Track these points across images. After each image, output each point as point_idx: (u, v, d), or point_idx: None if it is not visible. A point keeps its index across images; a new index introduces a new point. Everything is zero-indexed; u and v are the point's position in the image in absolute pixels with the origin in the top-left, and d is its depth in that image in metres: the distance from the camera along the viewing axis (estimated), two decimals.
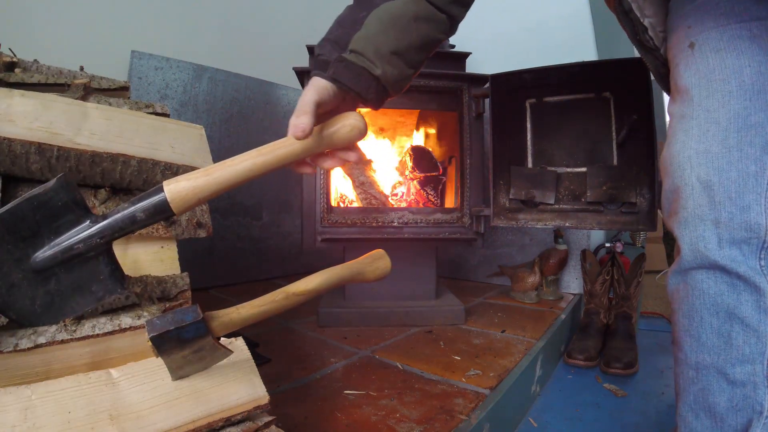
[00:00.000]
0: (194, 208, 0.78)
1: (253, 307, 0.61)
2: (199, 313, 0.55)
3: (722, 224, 0.59)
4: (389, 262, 0.74)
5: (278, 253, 2.24)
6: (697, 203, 0.62)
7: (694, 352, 0.64)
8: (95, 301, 0.60)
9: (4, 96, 0.65)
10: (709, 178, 0.60)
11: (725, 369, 0.60)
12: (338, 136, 0.61)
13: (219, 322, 0.58)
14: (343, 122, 0.61)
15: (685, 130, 0.64)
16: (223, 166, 0.58)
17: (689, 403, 0.65)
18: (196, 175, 0.58)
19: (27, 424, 0.51)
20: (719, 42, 0.61)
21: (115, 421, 0.53)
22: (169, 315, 0.54)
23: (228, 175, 0.58)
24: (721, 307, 0.60)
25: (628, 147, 1.38)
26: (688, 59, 0.65)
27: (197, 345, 0.56)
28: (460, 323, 1.48)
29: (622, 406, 1.22)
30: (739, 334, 0.59)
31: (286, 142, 0.60)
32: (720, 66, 0.61)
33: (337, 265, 0.71)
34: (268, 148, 0.60)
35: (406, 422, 0.85)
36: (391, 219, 1.44)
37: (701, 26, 0.64)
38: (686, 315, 0.65)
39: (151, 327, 0.53)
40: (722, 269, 0.60)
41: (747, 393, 0.58)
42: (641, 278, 1.67)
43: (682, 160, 0.64)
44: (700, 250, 0.61)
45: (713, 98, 0.61)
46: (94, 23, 1.61)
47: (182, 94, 1.85)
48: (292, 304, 0.64)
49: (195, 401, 0.56)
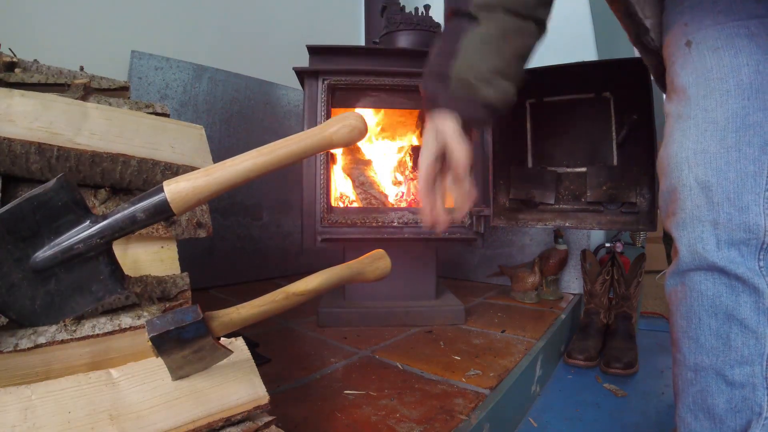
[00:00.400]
0: (194, 209, 0.78)
1: (253, 307, 0.61)
2: (200, 313, 0.55)
3: (721, 225, 0.59)
4: (389, 262, 0.74)
5: (278, 253, 2.23)
6: (695, 204, 0.61)
7: (692, 353, 0.63)
8: (95, 301, 0.60)
9: (4, 96, 0.65)
10: (707, 179, 0.60)
11: (724, 370, 0.60)
12: (338, 136, 0.61)
13: (219, 322, 0.58)
14: (342, 122, 0.61)
15: (683, 130, 0.64)
16: (223, 166, 0.58)
17: (688, 404, 0.65)
18: (197, 175, 0.58)
19: (27, 424, 0.51)
20: (717, 40, 0.61)
21: (115, 421, 0.53)
22: (169, 315, 0.54)
23: (228, 175, 0.58)
24: (720, 308, 0.60)
25: (628, 147, 1.38)
26: (684, 57, 0.65)
27: (197, 345, 0.56)
28: (460, 323, 1.47)
29: (622, 406, 1.22)
30: (737, 335, 0.59)
31: (287, 142, 0.60)
32: (718, 65, 0.60)
33: (337, 265, 0.71)
34: (268, 148, 0.60)
35: (406, 422, 0.84)
36: (391, 219, 1.43)
37: (698, 24, 0.63)
38: (684, 316, 0.64)
39: (151, 327, 0.53)
40: (721, 270, 0.59)
41: (746, 394, 0.58)
42: (641, 278, 1.67)
43: (679, 160, 0.63)
44: (699, 252, 0.61)
45: (711, 98, 0.61)
46: (94, 23, 1.61)
47: (182, 94, 1.85)
48: (293, 304, 0.64)
49: (195, 401, 0.56)
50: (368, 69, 1.41)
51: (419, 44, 1.54)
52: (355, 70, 1.41)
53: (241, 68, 2.07)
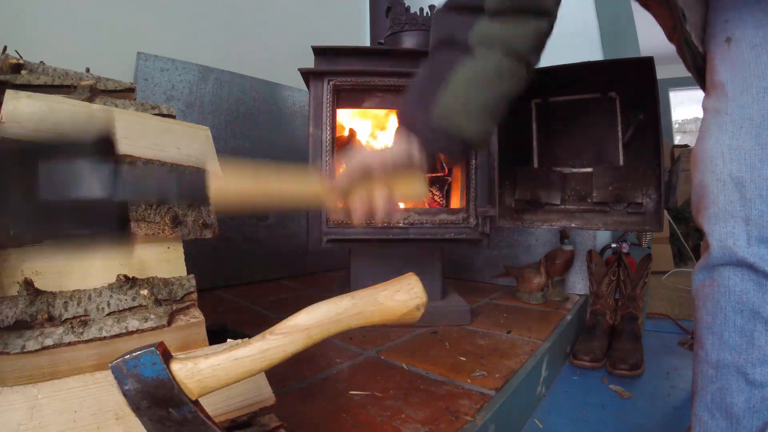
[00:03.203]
0: (199, 209, 0.79)
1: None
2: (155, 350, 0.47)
3: (752, 221, 0.59)
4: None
5: (284, 253, 2.24)
6: (728, 199, 0.62)
7: (715, 349, 0.63)
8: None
9: (11, 98, 0.66)
10: (741, 175, 0.60)
11: (745, 369, 0.60)
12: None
13: (191, 373, 0.49)
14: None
15: (719, 125, 0.64)
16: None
17: (706, 402, 0.64)
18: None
19: (33, 422, 0.51)
20: (755, 38, 0.61)
21: (121, 420, 0.53)
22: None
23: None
24: (746, 305, 0.60)
25: (635, 147, 1.38)
26: (723, 54, 0.65)
27: (168, 400, 0.48)
28: (465, 324, 1.47)
29: (628, 408, 1.21)
30: (762, 334, 0.58)
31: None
32: (755, 62, 0.61)
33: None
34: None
35: (412, 423, 0.84)
36: (397, 220, 1.43)
37: (738, 21, 0.63)
38: (710, 312, 0.64)
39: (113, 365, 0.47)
40: (750, 267, 0.59)
41: (765, 395, 0.58)
42: (647, 279, 1.67)
43: (714, 155, 0.63)
44: (729, 247, 0.61)
45: (748, 94, 0.61)
46: (100, 25, 1.62)
47: (188, 96, 1.86)
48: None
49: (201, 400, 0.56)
50: (373, 70, 1.41)
51: (424, 45, 1.54)
52: (360, 71, 1.41)
53: (246, 69, 2.07)
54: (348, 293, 0.55)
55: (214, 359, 0.49)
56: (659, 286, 2.61)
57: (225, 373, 0.49)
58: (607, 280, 1.68)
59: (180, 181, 0.53)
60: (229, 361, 0.49)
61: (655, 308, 2.15)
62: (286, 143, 2.22)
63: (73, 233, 0.50)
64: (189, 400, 0.48)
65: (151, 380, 0.46)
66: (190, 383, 0.48)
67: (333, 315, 0.53)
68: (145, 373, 0.46)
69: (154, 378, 0.46)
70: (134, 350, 0.47)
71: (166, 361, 0.47)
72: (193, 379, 0.48)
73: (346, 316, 0.54)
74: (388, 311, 0.55)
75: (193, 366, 0.48)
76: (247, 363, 0.50)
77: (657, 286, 2.59)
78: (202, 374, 0.48)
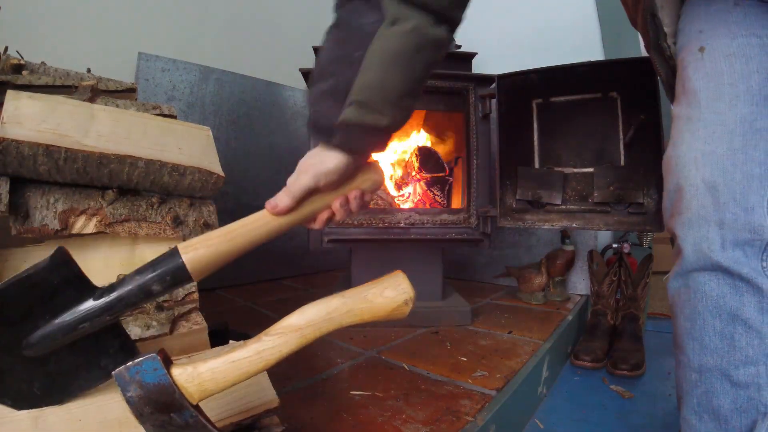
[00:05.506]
0: (202, 210, 0.79)
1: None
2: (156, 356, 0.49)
3: (726, 225, 0.59)
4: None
5: (285, 253, 2.24)
6: (701, 204, 0.62)
7: (696, 355, 0.63)
8: (105, 376, 0.56)
9: (13, 98, 0.66)
10: (714, 179, 0.60)
11: (729, 371, 0.60)
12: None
13: (191, 378, 0.50)
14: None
15: (692, 131, 0.64)
16: (243, 227, 0.62)
17: (692, 405, 0.65)
18: (215, 241, 0.58)
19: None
20: (729, 48, 0.62)
21: (125, 428, 0.53)
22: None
23: (250, 238, 0.62)
24: (724, 309, 0.60)
25: (636, 147, 1.38)
26: (697, 63, 0.65)
27: (169, 405, 0.48)
28: (466, 324, 1.47)
29: (629, 408, 1.21)
30: (742, 336, 0.59)
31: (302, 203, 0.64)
32: (729, 70, 0.61)
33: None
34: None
35: (413, 423, 0.84)
36: (398, 220, 1.43)
37: (713, 32, 0.64)
38: (688, 318, 0.64)
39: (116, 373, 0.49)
40: (725, 271, 0.59)
41: (751, 394, 0.58)
42: (648, 279, 1.66)
43: (687, 160, 0.64)
44: (704, 251, 0.61)
45: (721, 101, 0.62)
46: (101, 25, 1.62)
47: (189, 96, 1.86)
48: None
49: (203, 406, 0.56)
50: None
51: None
52: None
53: (247, 69, 2.08)
54: (338, 293, 0.58)
55: (213, 363, 0.50)
56: (660, 286, 2.60)
57: (224, 376, 0.50)
58: (608, 281, 1.67)
59: (160, 276, 0.54)
60: (227, 363, 0.51)
61: (657, 308, 2.15)
62: (286, 143, 2.22)
63: None
64: (190, 405, 0.48)
65: (153, 386, 0.47)
66: (190, 387, 0.49)
67: (324, 314, 0.56)
68: (146, 378, 0.47)
69: (156, 383, 0.47)
70: (136, 356, 0.48)
71: (166, 366, 0.49)
72: (193, 383, 0.49)
73: (338, 314, 0.56)
74: (377, 308, 0.57)
75: (192, 370, 0.50)
76: (244, 365, 0.51)
77: (658, 286, 2.58)
78: (201, 378, 0.50)
